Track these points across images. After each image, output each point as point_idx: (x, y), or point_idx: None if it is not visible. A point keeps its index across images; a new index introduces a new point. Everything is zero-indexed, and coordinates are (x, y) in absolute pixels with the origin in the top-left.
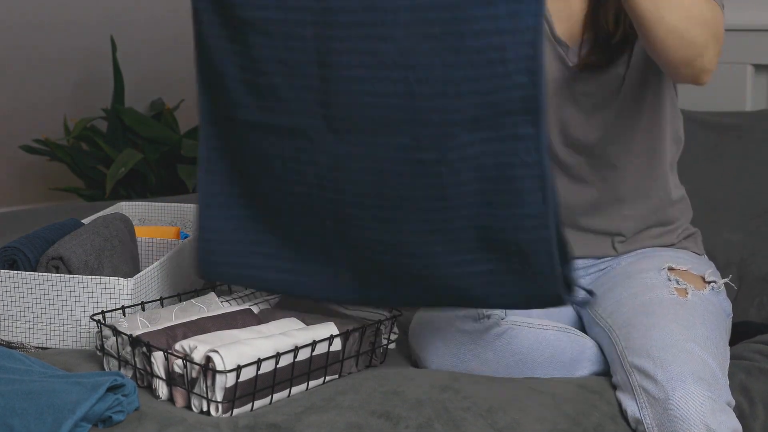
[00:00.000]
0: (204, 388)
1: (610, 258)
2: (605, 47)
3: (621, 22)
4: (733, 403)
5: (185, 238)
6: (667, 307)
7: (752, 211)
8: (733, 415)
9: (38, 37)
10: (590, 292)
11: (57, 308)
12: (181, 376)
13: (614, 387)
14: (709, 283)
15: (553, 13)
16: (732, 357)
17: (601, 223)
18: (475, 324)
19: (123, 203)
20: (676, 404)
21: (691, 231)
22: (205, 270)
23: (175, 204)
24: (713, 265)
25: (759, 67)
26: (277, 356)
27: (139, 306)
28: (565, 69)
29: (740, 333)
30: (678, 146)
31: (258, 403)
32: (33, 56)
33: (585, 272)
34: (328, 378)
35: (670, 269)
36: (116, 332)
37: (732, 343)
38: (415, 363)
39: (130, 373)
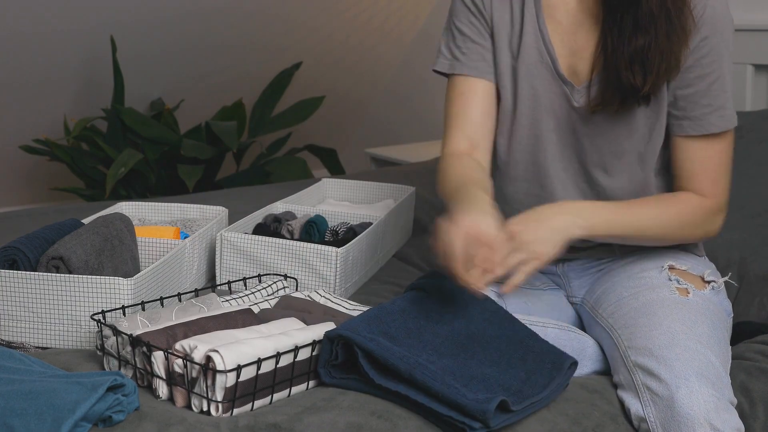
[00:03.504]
0: (204, 388)
1: (609, 258)
2: (618, 89)
3: (650, 72)
4: (735, 402)
5: (185, 237)
6: (669, 306)
7: (752, 211)
8: (736, 413)
9: (38, 37)
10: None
11: (57, 308)
12: (182, 375)
13: (615, 386)
14: (709, 282)
15: (556, 47)
16: (733, 357)
17: None
18: None
19: (123, 203)
20: (680, 402)
21: None
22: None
23: (175, 204)
24: (713, 265)
25: (759, 67)
26: (278, 356)
27: (139, 306)
28: (569, 108)
29: (741, 333)
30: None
31: (258, 403)
32: (33, 56)
33: (585, 272)
34: None
35: (671, 268)
36: (116, 332)
37: (732, 342)
38: None
39: (130, 373)
